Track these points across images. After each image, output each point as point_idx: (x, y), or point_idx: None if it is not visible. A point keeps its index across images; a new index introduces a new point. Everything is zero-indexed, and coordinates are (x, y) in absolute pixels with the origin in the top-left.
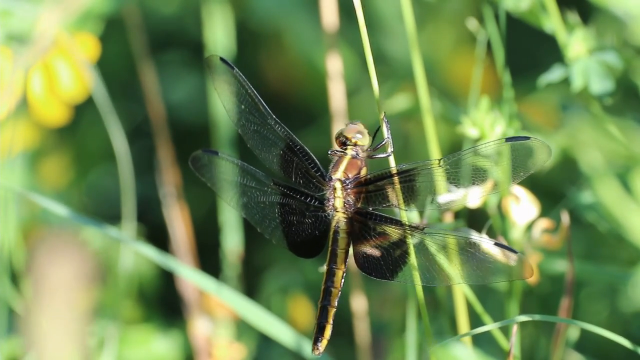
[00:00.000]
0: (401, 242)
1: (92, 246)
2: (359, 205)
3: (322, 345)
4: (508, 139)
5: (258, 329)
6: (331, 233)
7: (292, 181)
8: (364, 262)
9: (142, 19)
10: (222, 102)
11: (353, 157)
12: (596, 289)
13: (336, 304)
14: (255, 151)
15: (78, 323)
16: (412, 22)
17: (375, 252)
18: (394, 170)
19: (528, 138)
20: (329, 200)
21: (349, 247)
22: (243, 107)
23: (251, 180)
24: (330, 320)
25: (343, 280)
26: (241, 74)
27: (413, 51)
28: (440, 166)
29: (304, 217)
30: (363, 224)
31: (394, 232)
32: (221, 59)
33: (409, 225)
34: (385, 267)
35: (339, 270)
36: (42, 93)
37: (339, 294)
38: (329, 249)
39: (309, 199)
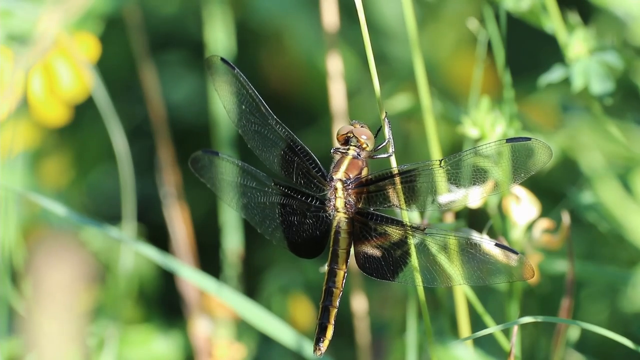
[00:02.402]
0: (402, 243)
1: (92, 246)
2: (360, 206)
3: (324, 345)
4: (509, 140)
5: (258, 329)
6: (332, 233)
7: (293, 181)
8: (364, 263)
9: (142, 19)
10: (223, 102)
11: (354, 158)
12: (596, 289)
13: (338, 304)
14: (256, 151)
15: (77, 323)
16: (413, 22)
17: (376, 253)
18: (395, 171)
19: (529, 139)
20: (330, 201)
21: (350, 247)
22: (244, 107)
23: (252, 180)
24: (332, 321)
25: (344, 280)
26: (242, 74)
27: (414, 52)
28: (441, 167)
29: (305, 217)
30: (364, 224)
31: (395, 233)
32: (222, 59)
33: (410, 226)
34: (386, 267)
35: (341, 270)
36: (43, 93)
37: (341, 294)
38: (330, 249)
39: (310, 199)
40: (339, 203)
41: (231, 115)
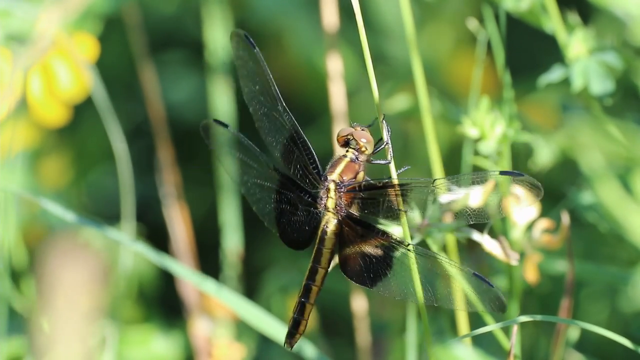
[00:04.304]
0: (385, 254)
1: (96, 247)
2: (351, 210)
3: (296, 340)
4: (502, 173)
5: (257, 330)
6: (319, 231)
7: (291, 172)
8: (346, 266)
9: (142, 19)
10: (240, 79)
11: (352, 161)
12: (596, 289)
13: (314, 302)
14: (261, 133)
15: (85, 325)
16: (411, 22)
17: (359, 258)
18: (389, 182)
19: (522, 175)
20: (321, 199)
21: (334, 247)
22: (258, 87)
23: (254, 161)
24: (307, 317)
25: (324, 279)
26: (260, 55)
27: (412, 51)
28: (434, 186)
29: (297, 209)
30: (351, 228)
31: (379, 243)
32: (245, 35)
33: (395, 240)
34: (366, 274)
35: (322, 269)
36: (42, 93)
37: (319, 292)
38: (315, 246)
39: (303, 192)
40: (330, 203)
41: (245, 94)
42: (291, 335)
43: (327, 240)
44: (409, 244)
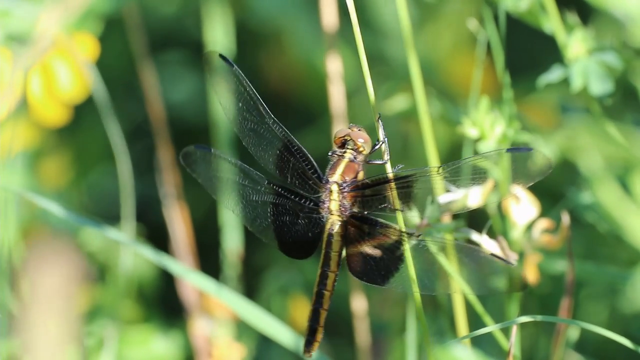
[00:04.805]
0: (395, 248)
1: (92, 246)
2: (354, 209)
3: (314, 348)
4: (509, 150)
5: (257, 330)
6: (325, 236)
7: (288, 182)
8: (355, 266)
9: (142, 19)
10: (220, 99)
11: (351, 161)
12: (596, 289)
13: (328, 307)
14: (250, 150)
15: (72, 324)
16: (407, 22)
17: (368, 257)
18: (391, 176)
19: (530, 149)
20: (324, 203)
21: (342, 250)
22: (240, 104)
23: (245, 178)
24: (322, 323)
25: (335, 282)
26: (240, 72)
27: (409, 52)
28: (439, 174)
29: (297, 218)
30: (358, 228)
31: (388, 237)
32: (220, 55)
33: (404, 231)
34: (377, 271)
35: (332, 273)
36: (42, 93)
37: (332, 297)
38: (323, 251)
39: (303, 200)
40: (334, 206)
41: (227, 112)
42: (309, 343)
43: (334, 243)
44: (419, 235)
